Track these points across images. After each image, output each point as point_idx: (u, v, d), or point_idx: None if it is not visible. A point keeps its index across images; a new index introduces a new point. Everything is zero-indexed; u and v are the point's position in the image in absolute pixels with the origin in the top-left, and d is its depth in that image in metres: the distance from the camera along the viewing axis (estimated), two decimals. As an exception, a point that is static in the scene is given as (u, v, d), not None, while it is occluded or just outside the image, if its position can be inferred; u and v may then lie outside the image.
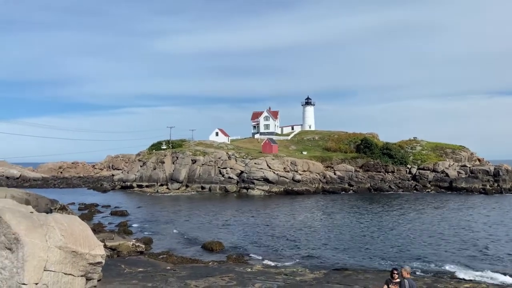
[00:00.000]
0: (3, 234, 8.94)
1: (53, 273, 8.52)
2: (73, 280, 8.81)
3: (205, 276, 15.63)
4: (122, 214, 41.92)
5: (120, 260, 19.94)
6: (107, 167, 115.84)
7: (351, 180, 73.37)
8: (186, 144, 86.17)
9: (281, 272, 17.32)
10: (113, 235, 26.06)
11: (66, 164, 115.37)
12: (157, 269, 17.87)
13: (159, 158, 77.28)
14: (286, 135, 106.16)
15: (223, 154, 76.02)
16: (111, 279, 14.24)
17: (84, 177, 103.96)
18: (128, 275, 15.60)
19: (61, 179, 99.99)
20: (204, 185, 70.27)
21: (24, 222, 9.06)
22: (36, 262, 8.38)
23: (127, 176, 79.84)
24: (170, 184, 72.72)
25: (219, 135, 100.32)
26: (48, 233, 8.99)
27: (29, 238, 8.63)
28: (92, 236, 9.60)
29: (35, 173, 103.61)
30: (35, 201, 29.51)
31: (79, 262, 8.92)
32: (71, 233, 9.17)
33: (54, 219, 9.56)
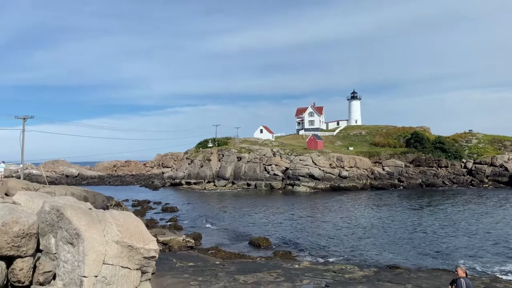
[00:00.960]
0: (65, 229, 9.57)
1: (111, 266, 9.00)
2: (129, 273, 9.25)
3: (253, 271, 15.81)
4: (172, 210, 43.36)
5: (171, 255, 20.68)
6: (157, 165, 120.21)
7: (401, 175, 70.89)
8: (232, 141, 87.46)
9: (329, 269, 17.12)
10: (164, 231, 27.09)
11: (119, 163, 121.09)
12: (206, 263, 18.34)
13: (206, 156, 79.05)
14: (332, 130, 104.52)
15: (267, 151, 76.30)
16: (163, 272, 14.82)
17: (136, 175, 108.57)
18: (179, 269, 16.14)
19: (115, 177, 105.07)
20: (249, 182, 70.97)
21: (84, 218, 9.63)
22: (96, 256, 8.88)
23: (176, 173, 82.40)
24: (216, 181, 74.18)
25: (263, 132, 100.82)
26: (106, 228, 9.50)
27: (89, 233, 9.16)
28: (146, 231, 10.02)
29: (91, 172, 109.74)
30: (93, 198, 31.31)
31: (134, 256, 9.35)
32: (127, 228, 9.63)
33: (111, 215, 10.09)
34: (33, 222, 9.42)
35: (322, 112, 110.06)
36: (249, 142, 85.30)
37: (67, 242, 9.32)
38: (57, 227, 9.57)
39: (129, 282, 9.18)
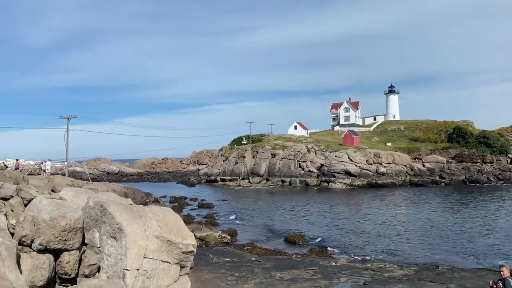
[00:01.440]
0: (109, 224, 9.94)
1: (151, 260, 9.27)
2: (169, 267, 9.50)
3: (289, 268, 15.79)
4: (208, 206, 44.05)
5: (208, 250, 21.03)
6: (193, 162, 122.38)
7: (443, 172, 68.27)
8: (266, 138, 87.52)
9: (367, 267, 16.80)
10: (201, 226, 27.57)
11: (157, 160, 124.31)
12: (242, 259, 18.50)
13: (240, 153, 79.63)
14: (368, 126, 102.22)
15: (302, 147, 75.77)
16: (201, 267, 15.10)
17: (173, 172, 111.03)
18: (216, 264, 16.39)
19: (153, 174, 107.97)
20: (284, 179, 70.81)
21: (126, 213, 9.97)
22: (137, 250, 9.18)
23: (211, 170, 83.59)
24: (251, 177, 74.56)
25: (297, 129, 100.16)
26: (146, 223, 9.79)
27: (130, 228, 9.48)
28: (184, 227, 10.24)
29: (131, 169, 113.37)
30: (132, 194, 32.37)
31: (173, 250, 9.58)
32: (166, 223, 9.88)
33: (151, 211, 10.39)
34: (78, 217, 9.85)
35: (358, 107, 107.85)
36: (283, 138, 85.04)
37: (110, 236, 9.68)
38: (101, 222, 9.97)
39: (169, 276, 9.43)
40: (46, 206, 10.02)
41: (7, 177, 18.86)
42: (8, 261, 7.87)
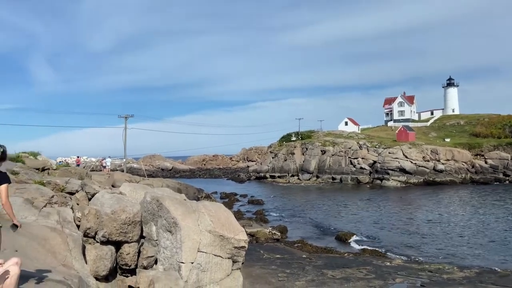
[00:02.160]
0: (164, 218, 10.34)
1: (205, 254, 9.52)
2: (221, 261, 9.70)
3: (341, 267, 15.51)
4: (258, 203, 44.42)
5: (258, 246, 21.21)
6: (242, 159, 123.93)
7: (507, 169, 63.61)
8: (315, 135, 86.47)
9: (424, 268, 16.08)
10: (251, 222, 27.86)
11: (208, 157, 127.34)
12: (293, 256, 18.46)
13: (289, 150, 79.35)
14: (425, 121, 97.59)
15: (353, 143, 73.99)
16: (252, 263, 15.27)
17: (223, 169, 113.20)
18: (267, 261, 16.50)
19: (205, 171, 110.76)
20: (334, 176, 69.60)
21: (180, 208, 10.31)
22: (191, 244, 9.47)
23: (260, 167, 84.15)
24: (301, 174, 74.08)
25: (348, 125, 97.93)
26: (200, 218, 10.06)
27: (185, 222, 9.79)
28: (236, 222, 10.41)
29: (183, 166, 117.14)
30: (185, 190, 33.40)
31: (226, 245, 9.77)
32: (218, 218, 10.10)
33: (203, 206, 10.67)
34: (137, 211, 10.35)
35: (414, 101, 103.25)
36: (333, 135, 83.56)
37: (166, 230, 10.07)
38: (157, 216, 10.39)
39: (222, 270, 9.63)
40: (108, 200, 10.63)
41: (73, 173, 20.25)
42: (74, 251, 8.46)
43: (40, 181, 13.43)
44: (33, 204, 10.16)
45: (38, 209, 9.86)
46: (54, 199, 11.16)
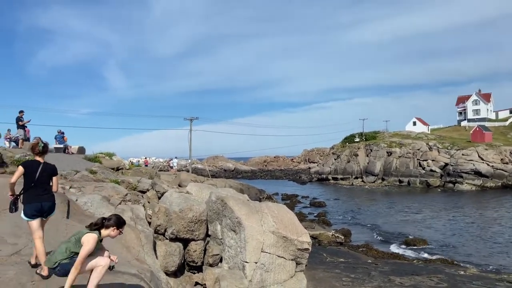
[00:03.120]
0: (229, 217, 10.58)
1: (268, 254, 9.59)
2: (285, 262, 9.71)
3: (410, 274, 14.77)
4: (320, 205, 43.74)
5: (321, 249, 20.88)
6: (304, 161, 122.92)
7: None
8: (380, 135, 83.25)
9: (502, 278, 14.76)
10: (313, 225, 27.53)
11: (269, 158, 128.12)
12: (358, 261, 17.92)
13: (353, 151, 77.20)
14: (503, 120, 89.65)
15: (422, 144, 70.07)
16: (315, 265, 15.08)
17: (284, 170, 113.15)
18: (330, 264, 16.19)
19: (266, 172, 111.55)
20: (401, 179, 66.41)
21: (244, 208, 10.49)
22: (255, 244, 9.59)
23: (322, 169, 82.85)
24: (365, 177, 71.73)
25: (417, 125, 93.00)
26: (263, 218, 10.16)
27: (248, 222, 9.94)
28: (299, 224, 10.36)
29: (245, 166, 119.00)
30: (247, 191, 33.84)
31: (289, 247, 9.76)
32: (281, 220, 10.12)
33: (266, 207, 10.75)
34: (203, 210, 10.71)
35: (490, 99, 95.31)
36: (400, 135, 79.82)
37: (231, 229, 10.29)
38: (222, 215, 10.66)
39: (285, 271, 9.62)
40: (176, 199, 11.12)
41: (143, 173, 21.43)
42: (146, 247, 8.95)
43: (115, 180, 14.41)
44: (109, 201, 10.94)
45: (114, 206, 10.59)
46: (127, 197, 11.92)
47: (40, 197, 5.51)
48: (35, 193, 5.48)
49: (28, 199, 5.47)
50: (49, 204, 5.64)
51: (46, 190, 5.63)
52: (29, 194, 5.49)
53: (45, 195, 5.59)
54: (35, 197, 5.48)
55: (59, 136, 22.31)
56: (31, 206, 5.45)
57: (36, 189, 5.49)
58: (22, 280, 5.18)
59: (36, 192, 5.49)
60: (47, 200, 5.60)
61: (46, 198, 5.60)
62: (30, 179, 5.50)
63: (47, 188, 5.66)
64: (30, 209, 5.44)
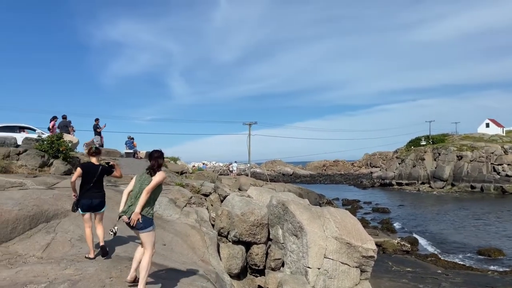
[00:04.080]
0: (290, 222, 10.55)
1: (331, 261, 9.41)
2: (349, 269, 9.46)
3: (484, 285, 13.71)
4: (383, 211, 42.07)
5: (386, 257, 20.07)
6: (365, 165, 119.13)
7: None
8: (449, 138, 78.30)
9: None
10: (377, 232, 26.55)
11: (328, 162, 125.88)
12: (426, 271, 16.97)
13: (419, 155, 73.37)
14: None
15: (496, 148, 64.78)
16: (380, 274, 14.52)
17: (344, 174, 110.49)
18: (396, 273, 15.50)
19: (325, 176, 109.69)
20: (473, 184, 61.83)
21: (305, 213, 10.41)
22: (317, 249, 9.46)
23: (385, 173, 79.71)
24: (432, 182, 67.78)
25: (490, 127, 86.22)
26: (325, 224, 10.00)
27: (310, 227, 9.84)
28: (363, 230, 10.05)
29: (304, 171, 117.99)
30: (306, 195, 33.48)
31: (353, 253, 9.50)
32: (344, 225, 9.88)
33: (328, 212, 10.57)
34: (264, 213, 10.79)
35: None
36: (471, 138, 74.47)
37: (292, 234, 10.25)
38: (283, 220, 10.67)
39: (349, 279, 9.38)
40: (237, 203, 11.33)
41: (206, 177, 22.11)
42: (211, 248, 9.21)
43: (180, 183, 15.02)
44: (175, 203, 11.42)
45: (180, 208, 11.04)
46: (192, 200, 12.37)
47: (92, 194, 6.34)
48: (89, 191, 6.33)
49: (82, 195, 6.33)
50: (98, 201, 6.42)
51: (98, 189, 6.45)
52: (84, 191, 6.33)
53: (96, 193, 6.40)
54: (88, 194, 6.32)
55: (129, 141, 23.73)
56: (84, 202, 6.33)
57: (90, 188, 6.33)
58: (101, 276, 5.58)
59: (90, 190, 6.33)
60: (96, 198, 6.39)
61: (97, 196, 6.39)
62: (86, 178, 6.33)
63: (99, 187, 6.47)
64: (83, 204, 6.34)
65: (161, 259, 7.09)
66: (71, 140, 16.07)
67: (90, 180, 6.32)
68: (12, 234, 6.99)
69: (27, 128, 18.32)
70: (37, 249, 6.72)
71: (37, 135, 16.53)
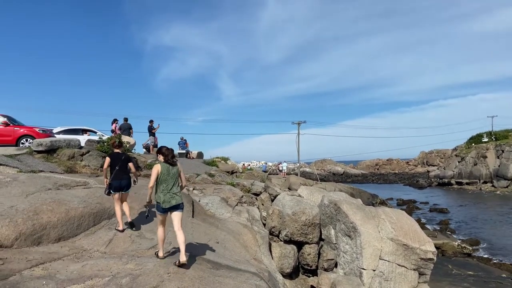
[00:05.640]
0: (343, 222, 10.33)
1: (387, 262, 9.08)
2: (406, 272, 9.08)
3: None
4: (442, 211, 39.98)
5: (445, 260, 19.06)
6: (421, 163, 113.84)
7: None
8: (514, 134, 72.77)
9: None
10: (435, 233, 25.28)
11: (381, 161, 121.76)
12: (489, 275, 15.89)
13: (480, 152, 68.91)
14: None
15: None
16: (439, 277, 13.82)
17: (398, 173, 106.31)
18: (457, 277, 14.67)
19: (378, 175, 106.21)
20: (543, 183, 56.98)
21: (359, 213, 10.14)
22: (372, 251, 9.18)
23: (443, 172, 75.74)
24: (495, 181, 63.37)
25: (562, 120, 78.96)
26: (380, 224, 9.67)
27: (364, 228, 9.57)
28: (421, 232, 9.60)
29: (355, 170, 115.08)
30: (358, 195, 32.64)
31: (410, 255, 9.11)
32: (401, 226, 9.50)
33: (383, 212, 10.21)
34: (316, 213, 10.66)
35: None
36: (539, 133, 68.72)
37: (345, 234, 10.03)
38: (336, 220, 10.47)
39: (407, 282, 9.00)
40: (288, 202, 11.29)
41: (255, 176, 22.28)
42: (263, 247, 9.26)
43: (231, 183, 15.26)
44: (227, 202, 11.62)
45: (232, 207, 11.21)
46: (243, 199, 12.51)
47: (120, 176, 7.68)
48: (117, 175, 7.65)
49: (113, 178, 7.65)
50: (126, 182, 7.78)
51: (125, 173, 7.79)
52: (113, 175, 7.64)
53: (124, 176, 7.76)
54: (117, 177, 7.65)
55: (182, 142, 24.51)
56: (114, 183, 7.64)
57: (118, 172, 7.66)
58: (160, 271, 5.81)
59: (117, 174, 7.65)
60: (124, 179, 7.75)
61: (125, 178, 7.77)
62: (114, 165, 7.70)
63: (125, 171, 7.82)
64: (114, 186, 7.65)
65: (215, 256, 7.23)
66: (128, 141, 16.89)
67: (117, 166, 7.64)
68: (78, 230, 7.48)
69: (89, 130, 19.54)
70: (100, 244, 7.14)
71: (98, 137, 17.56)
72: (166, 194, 6.12)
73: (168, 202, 6.09)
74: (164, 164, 6.26)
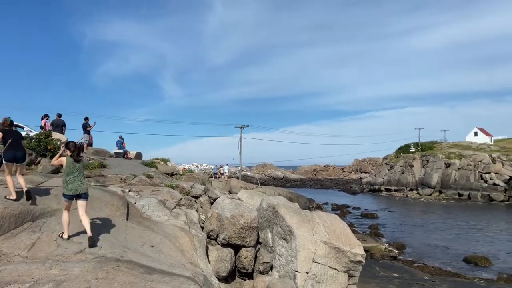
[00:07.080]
0: (280, 225, 10.54)
1: (320, 265, 9.41)
2: (337, 274, 9.46)
3: (471, 294, 13.81)
4: (372, 216, 42.34)
5: (373, 262, 20.15)
6: (355, 170, 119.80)
7: None
8: (438, 146, 79.26)
9: None
10: (365, 237, 26.66)
11: (319, 167, 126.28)
12: (413, 277, 17.08)
13: (408, 162, 74.08)
14: None
15: (484, 156, 65.70)
16: (367, 279, 14.57)
17: (334, 179, 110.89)
18: (384, 279, 15.57)
19: (315, 181, 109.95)
20: (461, 192, 62.59)
21: (295, 216, 10.40)
22: (306, 254, 9.45)
23: (375, 179, 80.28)
24: (420, 189, 68.47)
25: (478, 135, 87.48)
26: (314, 228, 10.00)
27: (300, 231, 9.84)
28: (352, 235, 10.07)
29: (294, 175, 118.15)
30: (296, 199, 33.54)
31: (341, 258, 9.52)
32: (333, 230, 9.90)
33: (318, 216, 10.58)
34: (254, 217, 10.75)
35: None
36: (460, 146, 75.45)
37: (281, 237, 10.23)
38: (273, 223, 10.64)
39: (337, 284, 9.38)
40: (227, 205, 11.28)
41: (196, 179, 21.99)
42: (199, 251, 9.15)
43: (170, 185, 14.92)
44: (165, 205, 11.33)
45: (169, 210, 10.95)
46: (182, 202, 12.29)
47: (15, 148, 8.18)
48: (11, 146, 8.12)
49: (7, 149, 8.07)
50: (21, 154, 8.33)
51: (19, 146, 8.33)
52: (8, 146, 8.05)
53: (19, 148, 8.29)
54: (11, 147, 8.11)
55: (120, 141, 23.52)
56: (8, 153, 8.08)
57: (12, 143, 8.14)
58: (87, 277, 5.50)
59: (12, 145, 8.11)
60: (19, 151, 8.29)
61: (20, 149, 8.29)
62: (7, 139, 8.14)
63: (20, 145, 8.36)
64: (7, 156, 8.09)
65: (149, 260, 7.01)
66: (59, 139, 15.87)
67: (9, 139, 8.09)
68: (-3, 233, 6.86)
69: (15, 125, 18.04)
70: (22, 248, 6.60)
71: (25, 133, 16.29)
72: (74, 183, 7.08)
73: (75, 189, 7.06)
74: (69, 158, 7.21)
